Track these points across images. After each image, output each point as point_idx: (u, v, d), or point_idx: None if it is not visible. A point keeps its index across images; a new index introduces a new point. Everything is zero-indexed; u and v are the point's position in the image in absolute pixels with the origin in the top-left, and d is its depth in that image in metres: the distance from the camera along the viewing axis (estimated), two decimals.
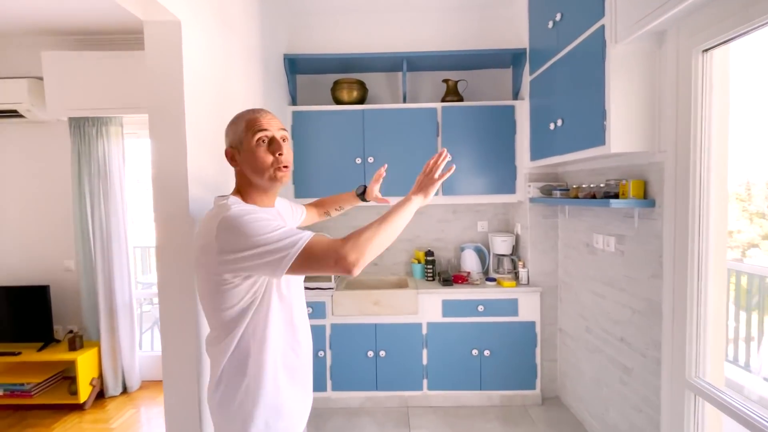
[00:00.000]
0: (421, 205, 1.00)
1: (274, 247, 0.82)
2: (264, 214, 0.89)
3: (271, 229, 0.84)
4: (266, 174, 0.96)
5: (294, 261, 0.82)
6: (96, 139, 2.62)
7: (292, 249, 0.82)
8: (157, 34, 1.20)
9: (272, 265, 0.82)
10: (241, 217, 0.85)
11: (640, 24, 1.40)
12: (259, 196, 1.01)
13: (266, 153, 0.96)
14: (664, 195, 1.52)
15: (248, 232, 0.83)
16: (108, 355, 2.69)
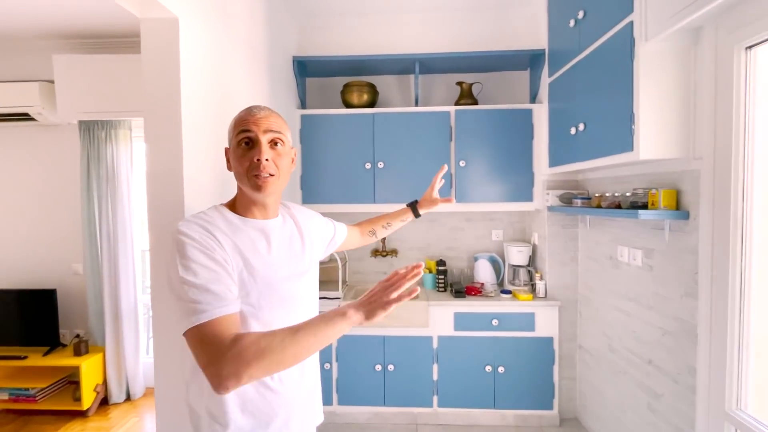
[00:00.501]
0: (357, 325, 0.76)
1: (183, 302, 0.73)
2: (200, 253, 0.76)
3: (192, 278, 0.73)
4: (244, 180, 0.86)
5: (186, 333, 0.72)
6: (105, 142, 2.61)
7: (190, 318, 0.72)
8: (154, 32, 1.14)
9: (178, 316, 0.74)
10: (181, 243, 0.76)
11: (673, 20, 1.28)
12: (252, 206, 0.90)
13: (243, 157, 0.85)
14: (700, 206, 1.39)
15: (179, 263, 0.75)
16: (112, 361, 2.65)
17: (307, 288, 0.98)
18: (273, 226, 0.93)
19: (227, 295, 0.76)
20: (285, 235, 0.96)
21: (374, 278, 2.81)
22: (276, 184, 0.88)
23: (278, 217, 0.96)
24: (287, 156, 0.91)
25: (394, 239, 2.79)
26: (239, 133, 0.85)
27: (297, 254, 0.97)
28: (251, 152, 0.85)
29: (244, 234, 0.87)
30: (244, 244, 0.85)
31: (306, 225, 1.04)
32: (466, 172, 2.42)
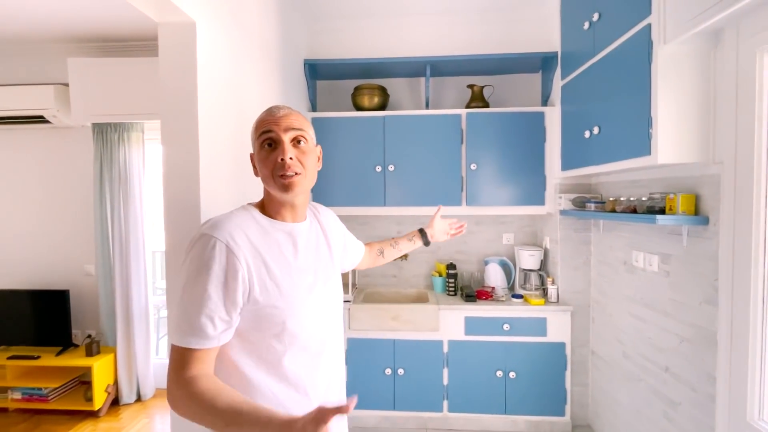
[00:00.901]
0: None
1: (183, 314, 0.76)
2: (212, 280, 0.75)
3: (198, 298, 0.75)
4: (271, 183, 0.85)
5: (173, 346, 0.76)
6: (117, 144, 2.63)
7: (175, 334, 0.75)
8: (171, 35, 1.14)
9: (174, 320, 0.77)
10: (200, 259, 0.76)
11: (693, 22, 1.26)
12: (281, 208, 0.89)
13: (267, 158, 0.84)
14: (720, 212, 1.36)
15: (189, 277, 0.77)
16: (123, 361, 2.67)
17: (332, 293, 0.97)
18: (301, 229, 0.92)
19: (212, 332, 0.75)
20: (312, 239, 0.95)
21: (383, 281, 2.80)
22: (303, 182, 0.86)
23: (306, 220, 0.95)
24: (312, 153, 0.89)
25: None
26: (261, 134, 0.84)
27: (323, 258, 0.96)
28: (274, 153, 0.83)
29: (272, 238, 0.86)
30: (270, 249, 0.84)
31: (330, 228, 1.03)
32: (477, 175, 2.40)
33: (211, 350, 0.76)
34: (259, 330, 0.82)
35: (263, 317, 0.81)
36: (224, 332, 0.77)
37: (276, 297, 0.81)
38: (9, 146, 2.85)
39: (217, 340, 0.76)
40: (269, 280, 0.81)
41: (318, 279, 0.91)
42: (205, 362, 0.76)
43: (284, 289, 0.83)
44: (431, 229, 1.43)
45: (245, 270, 0.78)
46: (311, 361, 0.88)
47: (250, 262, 0.79)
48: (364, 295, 2.57)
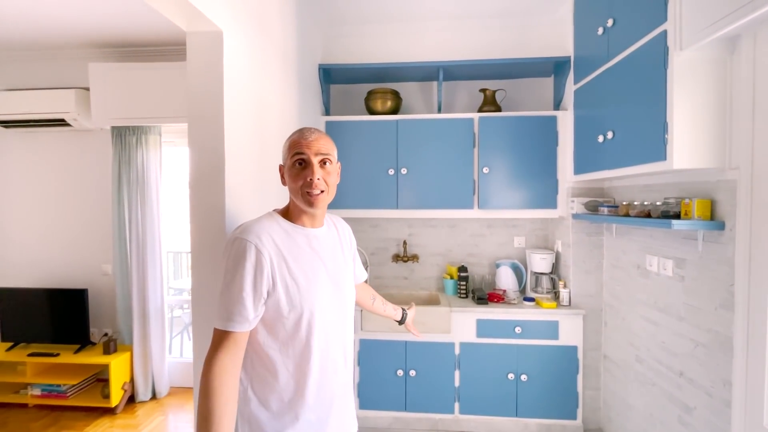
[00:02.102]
0: None
1: (224, 303, 0.89)
2: (246, 275, 0.89)
3: (233, 289, 0.89)
4: (298, 196, 0.99)
5: (215, 329, 0.90)
6: (135, 147, 2.69)
7: (218, 321, 0.89)
8: (200, 44, 1.18)
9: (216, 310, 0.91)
10: (237, 258, 0.90)
11: (710, 29, 1.27)
12: (302, 215, 1.02)
13: (298, 176, 0.98)
14: (736, 217, 1.37)
15: (228, 268, 0.91)
16: (140, 359, 2.72)
17: (346, 293, 1.07)
18: (318, 234, 1.04)
19: (247, 317, 0.90)
20: (329, 243, 1.07)
21: (395, 283, 2.83)
22: (326, 199, 1.01)
23: (324, 226, 1.07)
24: (335, 173, 1.04)
25: (415, 245, 2.80)
26: (294, 155, 0.98)
27: (338, 261, 1.08)
28: (304, 172, 0.97)
29: (293, 240, 0.98)
30: (290, 249, 0.96)
31: (345, 238, 1.16)
32: (489, 178, 2.42)
33: (245, 333, 0.91)
34: (280, 319, 0.93)
35: (283, 307, 0.92)
36: (255, 318, 0.91)
37: (294, 291, 0.93)
38: (30, 148, 2.93)
39: (248, 324, 0.90)
40: (289, 276, 0.93)
41: (332, 278, 1.03)
42: (238, 344, 0.90)
43: (302, 283, 0.95)
44: (409, 317, 1.57)
45: (269, 267, 0.91)
46: (322, 350, 0.99)
47: (273, 260, 0.92)
48: None
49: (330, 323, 1.00)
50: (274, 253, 0.92)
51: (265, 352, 0.95)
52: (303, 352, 0.95)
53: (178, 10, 1.08)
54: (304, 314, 0.94)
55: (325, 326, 0.98)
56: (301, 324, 0.94)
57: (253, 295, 0.89)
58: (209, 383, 0.84)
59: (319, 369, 0.97)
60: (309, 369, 0.96)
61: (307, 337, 0.95)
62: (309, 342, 0.95)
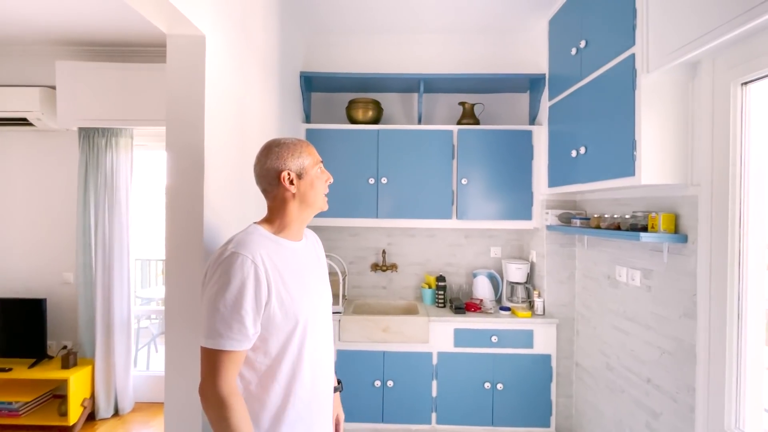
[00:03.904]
0: None
1: (210, 322, 0.85)
2: (243, 292, 0.86)
3: (230, 305, 0.85)
4: (318, 201, 1.03)
5: (203, 347, 0.86)
6: (105, 149, 2.58)
7: (209, 339, 0.85)
8: (181, 48, 1.16)
9: (203, 329, 0.87)
10: (232, 274, 0.86)
11: (674, 55, 1.36)
12: (297, 225, 1.02)
13: (322, 181, 1.03)
14: (698, 231, 1.45)
15: (221, 288, 0.86)
16: (102, 374, 2.57)
17: (327, 304, 1.10)
18: (299, 246, 1.05)
19: (247, 335, 0.87)
20: (310, 256, 1.09)
21: (373, 293, 2.81)
22: None
23: (303, 240, 1.08)
24: None
25: (394, 254, 2.81)
26: (318, 162, 1.04)
27: (320, 274, 1.10)
28: (324, 176, 1.05)
29: (283, 254, 0.97)
30: (283, 263, 0.95)
31: (319, 248, 1.18)
32: (467, 190, 2.47)
33: (243, 352, 0.88)
34: (274, 332, 0.92)
35: (279, 320, 0.92)
36: (254, 335, 0.89)
37: (289, 302, 0.93)
38: None
39: (249, 342, 0.88)
40: (284, 288, 0.93)
41: (317, 288, 1.05)
42: (237, 364, 0.87)
43: (295, 295, 0.95)
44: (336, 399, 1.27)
45: (266, 282, 0.89)
46: (313, 359, 0.99)
47: (270, 274, 0.90)
48: (354, 307, 2.58)
49: (320, 333, 1.02)
50: (270, 266, 0.91)
51: (256, 366, 0.93)
52: (296, 363, 0.95)
53: (159, 13, 1.05)
54: (298, 325, 0.94)
55: (315, 336, 0.99)
56: (294, 336, 0.94)
57: (252, 313, 0.87)
58: (225, 405, 0.83)
59: (311, 378, 0.98)
60: (301, 379, 0.96)
61: (300, 348, 0.95)
62: (301, 352, 0.96)
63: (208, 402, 0.84)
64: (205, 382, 0.85)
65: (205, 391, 0.85)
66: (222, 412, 0.83)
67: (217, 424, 0.83)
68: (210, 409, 0.84)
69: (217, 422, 0.83)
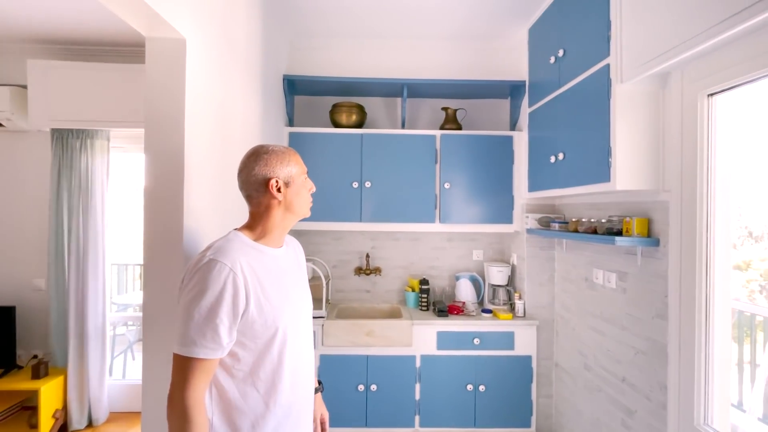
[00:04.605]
0: None
1: (184, 329, 0.84)
2: (219, 301, 0.85)
3: (205, 313, 0.84)
4: (304, 208, 1.05)
5: (175, 354, 0.85)
6: (79, 152, 2.50)
7: (182, 347, 0.84)
8: (161, 50, 1.14)
9: (176, 335, 0.86)
10: (209, 281, 0.85)
11: (646, 66, 1.42)
12: (279, 232, 1.03)
13: (306, 190, 1.05)
14: (669, 235, 1.51)
15: (199, 290, 0.85)
16: (75, 384, 2.48)
17: (308, 310, 1.11)
18: (280, 253, 1.04)
19: (221, 343, 0.86)
20: (290, 263, 1.08)
21: (357, 296, 2.81)
22: None
23: (283, 246, 1.08)
24: None
25: (378, 258, 2.82)
26: (304, 171, 1.05)
27: (301, 282, 1.11)
28: (308, 184, 1.06)
29: (263, 261, 0.97)
30: (263, 270, 0.95)
31: (300, 254, 1.18)
32: (450, 194, 2.50)
33: (216, 361, 0.87)
34: (252, 339, 0.91)
35: (257, 328, 0.91)
36: (228, 344, 0.88)
37: (269, 310, 0.92)
38: None
39: (222, 351, 0.87)
40: (263, 296, 0.92)
41: (298, 295, 1.06)
42: (208, 373, 0.86)
43: (275, 302, 0.94)
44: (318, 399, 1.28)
45: (244, 290, 0.88)
46: (294, 366, 0.99)
47: (249, 282, 0.90)
48: (338, 311, 2.57)
49: (300, 339, 1.02)
50: (249, 274, 0.90)
51: (235, 374, 0.92)
52: (275, 370, 0.95)
53: (138, 15, 1.03)
54: (278, 333, 0.94)
55: (296, 343, 0.99)
56: (273, 343, 0.93)
57: (228, 321, 0.86)
58: (187, 416, 0.82)
59: (291, 385, 0.98)
60: (281, 386, 0.95)
61: (279, 355, 0.95)
62: (281, 359, 0.95)
63: (173, 410, 0.83)
64: (173, 389, 0.84)
65: (173, 398, 0.84)
66: (182, 425, 0.82)
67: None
68: (173, 417, 0.83)
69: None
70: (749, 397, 2.30)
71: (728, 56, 1.24)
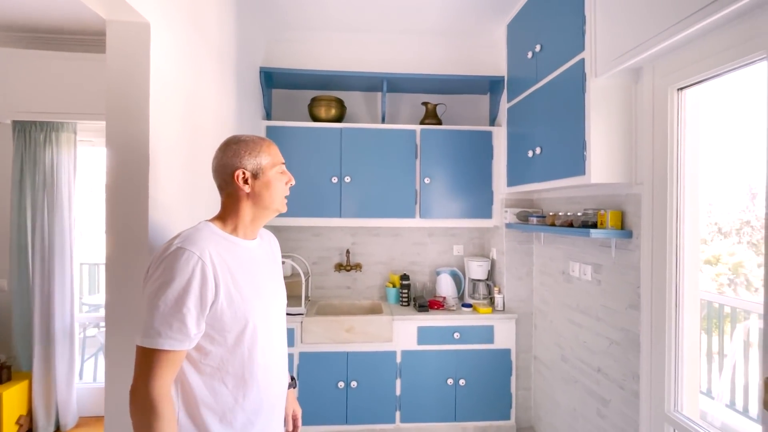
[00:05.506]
0: None
1: (160, 318, 0.80)
2: (185, 289, 0.81)
3: (171, 303, 0.80)
4: (277, 202, 1.00)
5: (138, 346, 0.81)
6: (44, 145, 2.38)
7: (146, 338, 0.80)
8: (122, 35, 1.08)
9: (142, 326, 0.82)
10: (175, 269, 0.81)
11: (618, 61, 1.44)
12: (251, 224, 0.99)
13: (281, 183, 1.00)
14: (641, 227, 1.54)
15: (165, 280, 0.81)
16: (41, 388, 2.36)
17: (282, 305, 1.08)
18: (253, 246, 1.01)
19: (188, 334, 0.82)
20: (263, 255, 1.05)
21: (337, 293, 2.78)
22: None
23: (257, 238, 1.04)
24: None
25: (359, 254, 2.79)
26: (277, 163, 1.00)
27: (273, 271, 1.07)
28: (286, 178, 1.02)
29: (235, 252, 0.94)
30: (234, 261, 0.92)
31: (275, 248, 1.15)
32: (430, 189, 2.50)
33: (182, 353, 0.83)
34: (221, 332, 0.88)
35: (227, 320, 0.88)
36: (196, 335, 0.84)
37: (239, 302, 0.89)
38: None
39: (189, 342, 0.83)
40: (234, 288, 0.89)
41: (271, 289, 1.02)
42: (174, 366, 0.82)
43: (246, 295, 0.91)
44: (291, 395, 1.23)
45: (213, 281, 0.85)
46: (264, 362, 0.96)
47: (219, 272, 0.86)
48: (318, 308, 2.53)
49: (272, 335, 0.99)
50: (219, 264, 0.87)
51: (202, 369, 0.89)
52: (245, 366, 0.92)
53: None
54: (248, 326, 0.91)
55: (267, 338, 0.96)
56: (244, 337, 0.90)
57: (195, 312, 0.82)
58: (154, 410, 0.78)
59: (261, 381, 0.95)
60: (251, 382, 0.93)
61: (250, 350, 0.92)
62: (252, 354, 0.92)
63: (137, 404, 0.79)
64: (137, 382, 0.80)
65: (136, 391, 0.79)
66: (148, 418, 0.78)
67: (140, 431, 0.78)
68: (137, 412, 0.79)
69: (141, 429, 0.78)
70: (717, 384, 2.38)
71: (697, 51, 1.27)
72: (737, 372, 2.29)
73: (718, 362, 2.47)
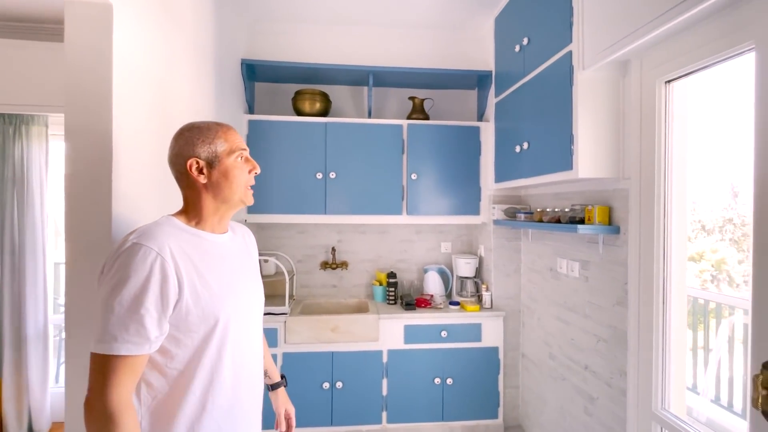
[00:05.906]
0: None
1: (115, 321, 0.73)
2: (142, 288, 0.75)
3: (127, 304, 0.74)
4: (239, 193, 0.92)
5: (92, 353, 0.74)
6: (12, 139, 2.28)
7: (99, 344, 0.73)
8: (81, 17, 1.01)
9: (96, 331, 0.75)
10: (130, 267, 0.75)
11: (605, 53, 1.41)
12: (215, 217, 0.93)
13: (242, 171, 0.92)
14: (629, 222, 1.52)
15: (120, 279, 0.74)
16: (11, 393, 2.27)
17: (258, 301, 1.02)
18: (224, 239, 0.95)
19: (147, 337, 0.76)
20: (235, 249, 0.99)
21: (323, 292, 2.72)
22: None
23: (228, 233, 0.98)
24: None
25: (345, 251, 2.74)
26: (236, 149, 0.91)
27: (247, 267, 1.01)
28: (248, 166, 0.94)
29: (200, 247, 0.88)
30: (199, 256, 0.86)
31: (250, 243, 1.09)
32: (417, 185, 2.45)
33: (143, 357, 0.77)
34: (187, 333, 0.82)
35: (192, 320, 0.82)
36: (157, 338, 0.78)
37: (207, 300, 0.84)
38: None
39: (150, 346, 0.77)
40: (200, 285, 0.83)
41: (244, 285, 0.96)
42: (134, 372, 0.76)
43: (215, 292, 0.85)
44: (282, 394, 1.29)
45: (175, 278, 0.79)
46: (236, 363, 0.91)
47: (181, 269, 0.80)
48: (302, 307, 2.47)
49: (245, 333, 0.93)
50: (182, 259, 0.81)
51: (167, 372, 0.82)
52: (214, 367, 0.86)
53: None
54: (218, 325, 0.85)
55: (239, 337, 0.91)
56: (212, 337, 0.85)
57: (156, 312, 0.76)
58: (113, 422, 0.71)
59: (233, 384, 0.89)
60: (221, 385, 0.87)
61: (219, 350, 0.86)
62: (221, 355, 0.87)
63: (93, 417, 0.72)
64: (92, 393, 0.73)
65: (91, 403, 0.72)
66: (107, 429, 0.71)
67: None
68: (94, 425, 0.72)
69: None
70: (702, 380, 2.39)
71: (685, 42, 1.24)
72: (722, 368, 2.30)
73: (703, 357, 2.48)
